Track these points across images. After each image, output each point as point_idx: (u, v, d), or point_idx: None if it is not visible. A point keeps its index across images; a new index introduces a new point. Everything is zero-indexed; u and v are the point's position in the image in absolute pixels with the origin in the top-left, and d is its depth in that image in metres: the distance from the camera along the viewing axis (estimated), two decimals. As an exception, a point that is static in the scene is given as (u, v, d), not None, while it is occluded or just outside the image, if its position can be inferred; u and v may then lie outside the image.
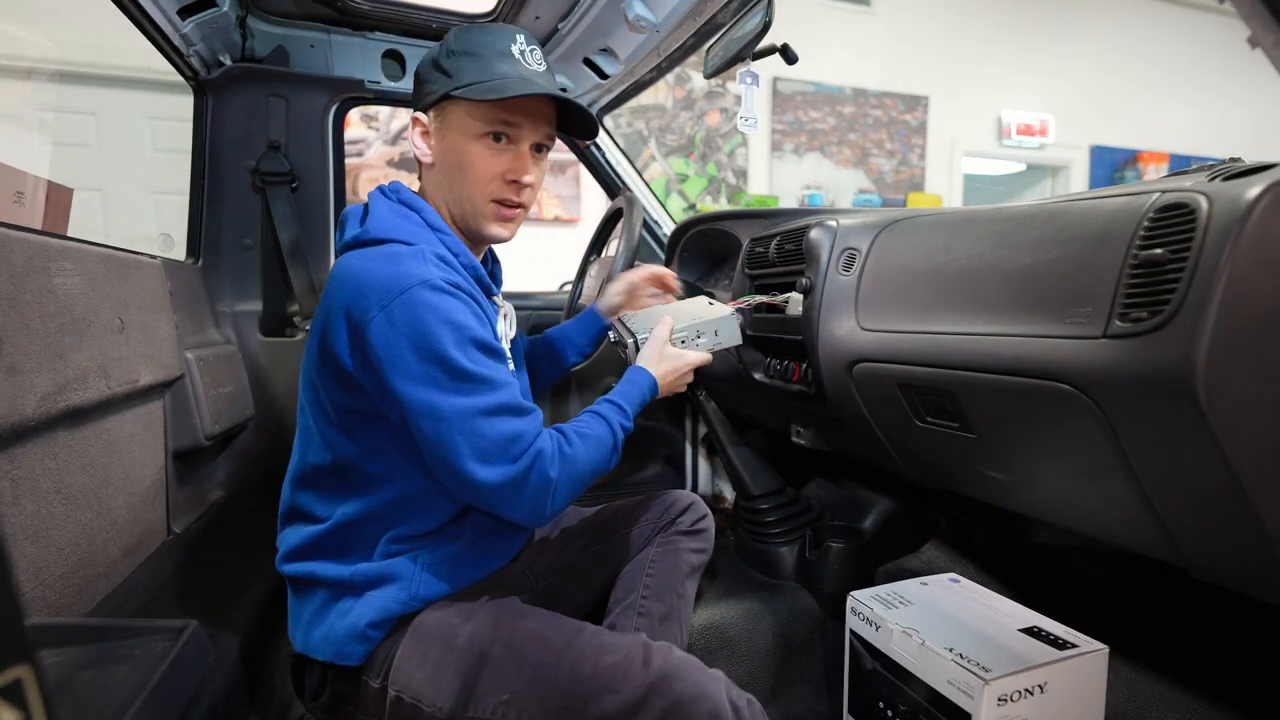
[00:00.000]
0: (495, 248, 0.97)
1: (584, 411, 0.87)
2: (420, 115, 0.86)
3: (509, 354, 0.89)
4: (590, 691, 0.74)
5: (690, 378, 1.00)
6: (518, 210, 0.88)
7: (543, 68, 0.86)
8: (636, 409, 0.90)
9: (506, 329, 0.94)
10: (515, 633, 0.78)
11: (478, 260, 0.87)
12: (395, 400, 0.73)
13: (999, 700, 0.79)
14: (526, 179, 0.85)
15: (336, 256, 0.85)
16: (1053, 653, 0.85)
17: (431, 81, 0.84)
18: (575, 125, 0.91)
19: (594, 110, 1.87)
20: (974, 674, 0.80)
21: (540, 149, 0.88)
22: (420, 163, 0.88)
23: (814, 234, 1.14)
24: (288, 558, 0.85)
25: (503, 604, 0.83)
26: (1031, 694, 0.81)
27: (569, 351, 1.16)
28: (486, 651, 0.77)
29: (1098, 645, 0.87)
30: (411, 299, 0.71)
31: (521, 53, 0.84)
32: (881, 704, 0.96)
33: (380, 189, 0.87)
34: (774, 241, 1.26)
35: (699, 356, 1.01)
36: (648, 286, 1.15)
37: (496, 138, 0.83)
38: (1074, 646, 0.86)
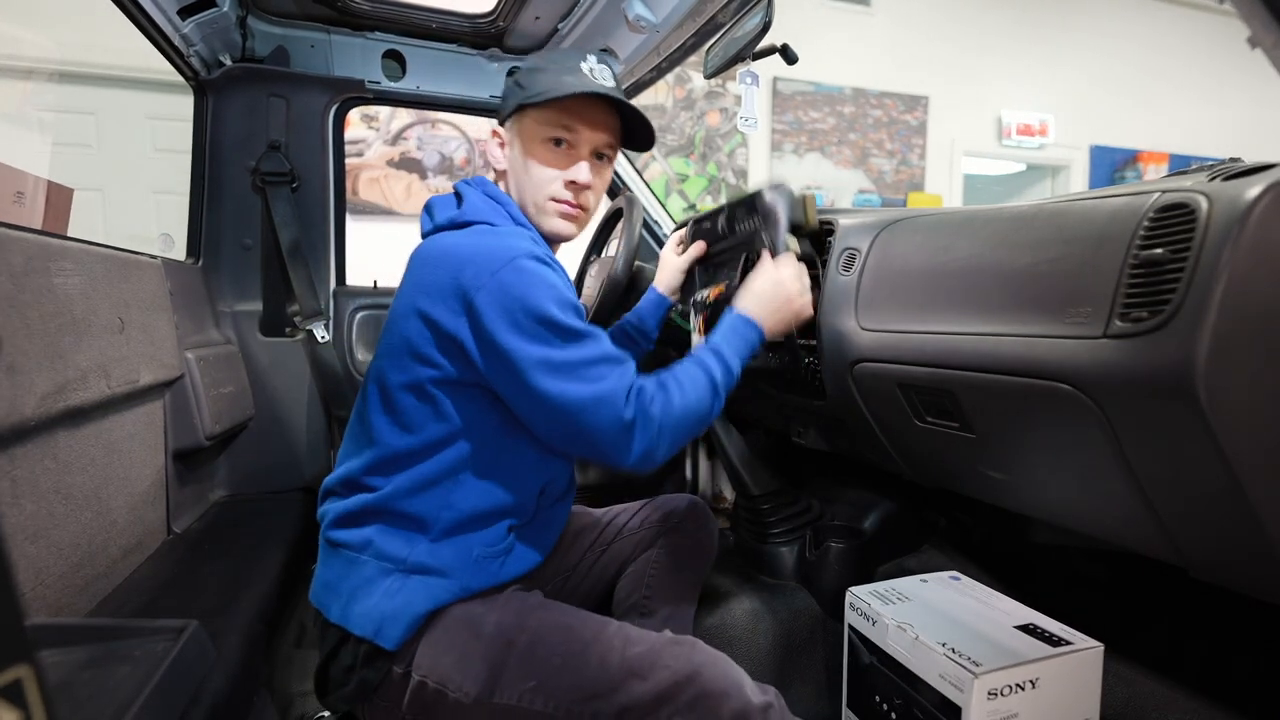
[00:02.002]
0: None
1: (684, 360, 0.89)
2: (499, 128, 0.95)
3: None
4: (617, 680, 0.76)
5: (802, 302, 1.00)
6: (578, 211, 0.93)
7: (610, 83, 0.91)
8: (739, 353, 0.91)
9: None
10: (542, 623, 0.80)
11: (553, 254, 0.90)
12: (506, 359, 0.76)
13: (989, 694, 0.79)
14: (582, 180, 0.90)
15: (424, 238, 0.90)
16: (1046, 649, 0.85)
17: (508, 96, 0.92)
18: (638, 138, 0.96)
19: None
20: (964, 668, 0.80)
21: (601, 156, 0.94)
22: (496, 171, 0.96)
23: (768, 195, 1.06)
24: (339, 523, 0.85)
25: (526, 597, 0.85)
26: (1023, 689, 0.81)
27: (640, 340, 1.20)
28: (513, 640, 0.78)
29: (1092, 643, 0.87)
30: (519, 266, 0.77)
31: (590, 69, 0.90)
32: (878, 698, 0.96)
33: (465, 181, 0.95)
34: (721, 215, 1.19)
35: (793, 270, 1.00)
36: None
37: (557, 142, 0.90)
38: (1068, 644, 0.86)
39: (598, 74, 0.90)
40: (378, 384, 0.86)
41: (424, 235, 0.91)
